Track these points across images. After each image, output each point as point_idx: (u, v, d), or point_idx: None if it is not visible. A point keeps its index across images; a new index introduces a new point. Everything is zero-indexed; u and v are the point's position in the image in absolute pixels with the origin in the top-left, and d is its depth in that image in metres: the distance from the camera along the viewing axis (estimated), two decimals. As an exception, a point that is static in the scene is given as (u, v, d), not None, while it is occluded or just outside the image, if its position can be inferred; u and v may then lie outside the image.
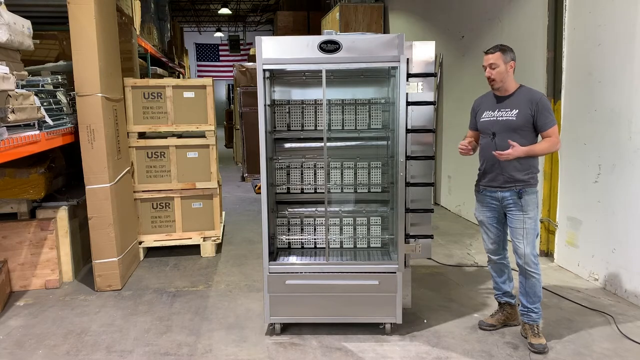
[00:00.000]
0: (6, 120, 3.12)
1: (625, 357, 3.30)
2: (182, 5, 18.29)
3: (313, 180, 4.04)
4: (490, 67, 3.34)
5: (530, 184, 3.36)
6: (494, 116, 3.42)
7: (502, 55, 3.32)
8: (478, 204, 3.64)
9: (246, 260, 5.27)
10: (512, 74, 3.36)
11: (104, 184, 4.35)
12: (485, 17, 6.17)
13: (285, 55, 3.32)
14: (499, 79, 3.35)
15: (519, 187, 3.34)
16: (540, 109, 3.28)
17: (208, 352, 3.42)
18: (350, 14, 9.74)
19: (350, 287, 3.53)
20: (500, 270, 3.63)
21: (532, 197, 3.35)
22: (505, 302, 3.66)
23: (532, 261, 3.34)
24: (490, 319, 3.68)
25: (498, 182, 3.42)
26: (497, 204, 3.47)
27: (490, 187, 3.49)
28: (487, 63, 3.36)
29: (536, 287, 3.38)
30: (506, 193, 3.39)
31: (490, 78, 3.37)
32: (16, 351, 3.48)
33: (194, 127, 5.34)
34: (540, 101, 3.30)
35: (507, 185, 3.38)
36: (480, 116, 3.53)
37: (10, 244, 4.42)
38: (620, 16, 4.13)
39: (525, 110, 3.31)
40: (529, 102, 3.31)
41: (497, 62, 3.32)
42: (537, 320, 3.41)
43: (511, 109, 3.35)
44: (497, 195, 3.45)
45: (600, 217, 4.39)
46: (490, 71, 3.35)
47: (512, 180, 3.35)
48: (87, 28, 4.12)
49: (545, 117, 3.29)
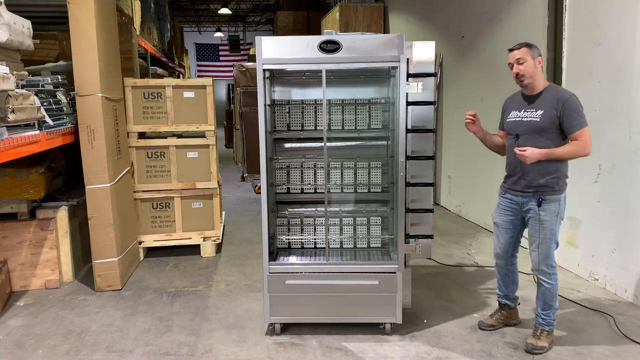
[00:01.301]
0: (6, 120, 3.12)
1: (625, 357, 3.30)
2: (182, 5, 18.29)
3: (313, 180, 4.04)
4: (517, 62, 3.20)
5: (553, 190, 3.20)
6: (519, 117, 3.30)
7: (529, 50, 3.19)
8: (498, 205, 3.52)
9: (246, 260, 5.27)
10: (540, 70, 3.23)
11: (104, 184, 4.35)
12: (485, 17, 6.17)
13: (285, 55, 3.32)
14: (529, 74, 3.20)
15: (539, 194, 3.21)
16: (567, 110, 3.11)
17: (208, 352, 3.42)
18: (350, 14, 9.74)
19: (350, 287, 3.53)
20: (505, 275, 3.59)
21: (552, 206, 3.21)
22: (504, 304, 3.65)
23: (543, 270, 3.29)
24: (490, 319, 3.68)
25: (519, 186, 3.30)
26: (517, 208, 3.37)
27: (511, 191, 3.38)
28: (514, 59, 3.21)
29: (546, 296, 3.32)
30: (526, 199, 3.28)
31: (519, 74, 3.21)
32: (16, 351, 3.48)
33: (194, 127, 5.34)
34: (568, 101, 3.13)
35: (527, 191, 3.26)
36: (507, 116, 3.42)
37: (10, 244, 4.42)
38: (620, 16, 4.13)
39: (550, 111, 3.16)
40: (555, 102, 3.15)
41: (524, 56, 3.18)
42: (543, 325, 3.38)
43: (536, 109, 3.22)
44: (517, 199, 3.34)
45: (600, 217, 4.39)
46: (518, 67, 3.20)
47: (533, 185, 3.22)
48: (87, 28, 4.12)
49: (573, 118, 3.11)
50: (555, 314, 3.38)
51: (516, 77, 3.26)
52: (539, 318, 3.38)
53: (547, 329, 3.38)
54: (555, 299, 3.35)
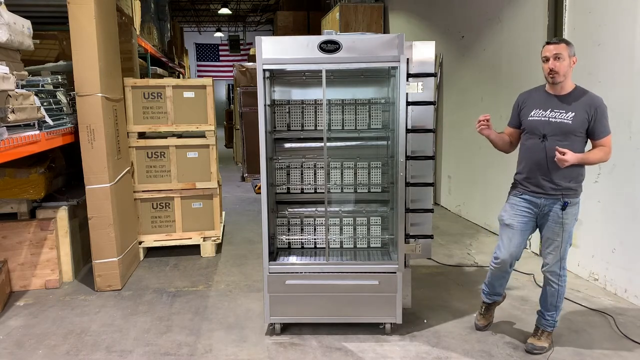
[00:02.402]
0: (6, 120, 3.12)
1: (625, 357, 3.30)
2: (182, 5, 18.28)
3: (313, 180, 4.04)
4: (554, 58, 3.06)
5: (576, 193, 3.17)
6: (545, 116, 3.17)
7: (568, 47, 3.06)
8: (510, 206, 3.34)
9: (246, 260, 5.27)
10: (571, 71, 3.14)
11: (104, 184, 4.35)
12: (485, 17, 6.17)
13: (285, 55, 3.32)
14: (563, 72, 3.08)
15: (565, 197, 3.13)
16: (599, 116, 3.06)
17: (208, 352, 3.42)
18: (350, 14, 9.73)
19: (350, 287, 3.53)
20: (501, 278, 3.50)
21: (573, 209, 3.17)
22: (492, 302, 3.62)
23: (556, 272, 3.25)
24: (482, 319, 3.66)
25: (543, 188, 3.18)
26: (536, 210, 3.25)
27: (532, 193, 3.23)
28: (552, 54, 3.06)
29: (553, 297, 3.28)
30: (549, 201, 3.18)
31: (554, 70, 3.07)
32: (16, 351, 3.48)
33: (194, 127, 5.34)
34: (600, 107, 3.07)
35: (553, 193, 3.16)
36: (527, 113, 3.26)
37: (10, 244, 4.42)
38: (620, 16, 4.13)
39: (582, 114, 3.07)
40: (587, 106, 3.08)
41: (562, 53, 3.04)
42: (545, 326, 3.36)
43: (566, 111, 3.11)
44: (539, 201, 3.21)
45: (600, 217, 4.39)
46: (554, 62, 3.06)
47: (558, 188, 3.14)
48: (87, 28, 4.12)
49: (603, 124, 3.08)
50: (559, 315, 3.37)
51: (549, 73, 3.12)
52: (542, 319, 3.37)
53: (549, 329, 3.37)
54: (562, 300, 3.33)
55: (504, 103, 5.46)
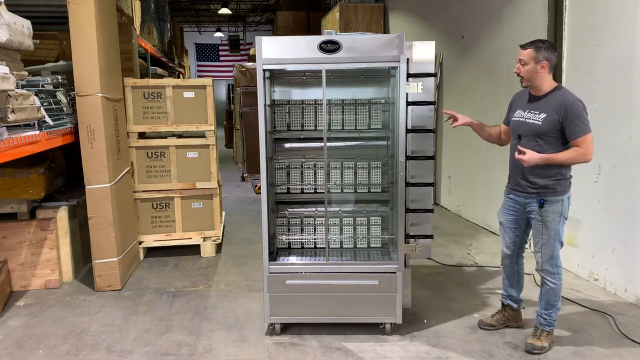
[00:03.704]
0: (6, 120, 3.11)
1: (625, 357, 3.30)
2: (182, 5, 18.28)
3: (313, 180, 4.04)
4: (519, 62, 3.19)
5: (555, 191, 3.18)
6: (523, 117, 3.28)
7: (535, 52, 3.12)
8: (503, 205, 3.52)
9: (246, 260, 5.27)
10: (545, 74, 3.17)
11: (104, 184, 4.35)
12: (485, 17, 6.17)
13: (285, 55, 3.32)
14: (526, 77, 3.19)
15: (541, 196, 3.20)
16: (570, 116, 3.06)
17: (208, 352, 3.42)
18: (350, 14, 9.73)
19: (350, 287, 3.53)
20: (511, 275, 3.59)
21: (554, 207, 3.19)
22: (507, 305, 3.65)
23: (547, 270, 3.29)
24: (491, 319, 3.68)
25: (521, 187, 3.30)
26: (520, 208, 3.36)
27: (514, 191, 3.38)
28: (518, 58, 3.19)
29: (550, 295, 3.32)
30: (528, 200, 3.27)
31: (518, 74, 3.22)
32: (16, 351, 3.48)
33: (194, 127, 5.34)
34: (571, 107, 3.07)
35: (531, 191, 3.25)
36: (513, 114, 3.39)
37: (10, 244, 4.42)
38: (620, 16, 4.13)
39: (552, 115, 3.12)
40: (558, 107, 3.10)
41: (526, 59, 3.14)
42: (544, 325, 3.37)
43: (540, 112, 3.18)
44: (520, 200, 3.34)
45: (600, 217, 4.39)
46: (518, 67, 3.20)
47: (534, 186, 3.22)
48: (87, 28, 4.12)
49: (575, 124, 3.06)
50: (557, 314, 3.38)
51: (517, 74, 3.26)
52: (541, 318, 3.38)
53: (548, 329, 3.37)
54: (559, 299, 3.35)
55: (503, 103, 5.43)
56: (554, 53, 3.19)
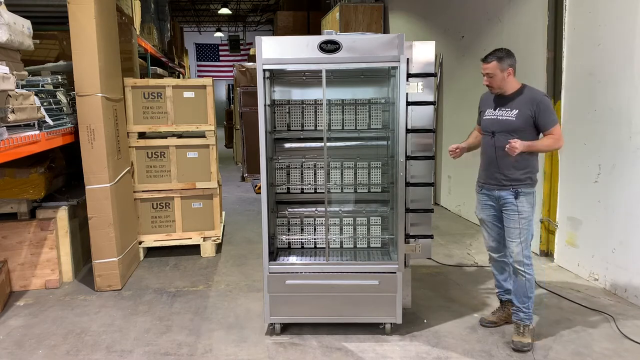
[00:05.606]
0: (6, 120, 3.12)
1: (625, 357, 3.30)
2: (182, 5, 18.29)
3: (313, 180, 4.04)
4: (486, 75, 3.37)
5: (527, 183, 3.36)
6: (494, 115, 3.43)
7: (499, 64, 3.31)
8: (478, 202, 3.64)
9: (246, 260, 5.27)
10: (511, 78, 3.36)
11: (104, 184, 4.35)
12: (485, 17, 6.17)
13: (285, 55, 3.32)
14: (497, 86, 3.38)
15: (515, 187, 3.35)
16: (542, 110, 3.28)
17: (208, 352, 3.42)
18: (350, 14, 9.73)
19: (350, 287, 3.53)
20: (501, 268, 3.64)
21: (528, 198, 3.36)
22: (506, 300, 3.66)
23: (523, 261, 3.35)
24: (492, 317, 3.70)
25: (495, 180, 3.43)
26: (495, 202, 3.48)
27: (488, 185, 3.51)
28: (484, 72, 3.38)
29: (525, 287, 3.37)
30: (503, 192, 3.40)
31: (489, 85, 3.41)
32: (16, 351, 3.48)
33: (194, 127, 5.34)
34: (542, 102, 3.30)
35: (506, 184, 3.38)
36: (483, 114, 3.55)
37: (10, 244, 4.42)
38: (620, 16, 4.13)
39: (525, 111, 3.30)
40: (529, 103, 3.30)
41: (493, 72, 3.33)
42: (524, 320, 3.40)
43: (511, 109, 3.36)
44: (494, 194, 3.46)
45: (600, 217, 4.39)
46: (487, 79, 3.39)
47: (509, 179, 3.37)
48: (87, 28, 4.12)
49: (547, 116, 3.28)
50: (533, 303, 3.42)
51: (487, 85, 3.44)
52: (520, 313, 3.41)
53: (528, 322, 3.41)
54: (533, 289, 3.42)
55: (504, 103, 5.45)
56: (513, 57, 3.36)
